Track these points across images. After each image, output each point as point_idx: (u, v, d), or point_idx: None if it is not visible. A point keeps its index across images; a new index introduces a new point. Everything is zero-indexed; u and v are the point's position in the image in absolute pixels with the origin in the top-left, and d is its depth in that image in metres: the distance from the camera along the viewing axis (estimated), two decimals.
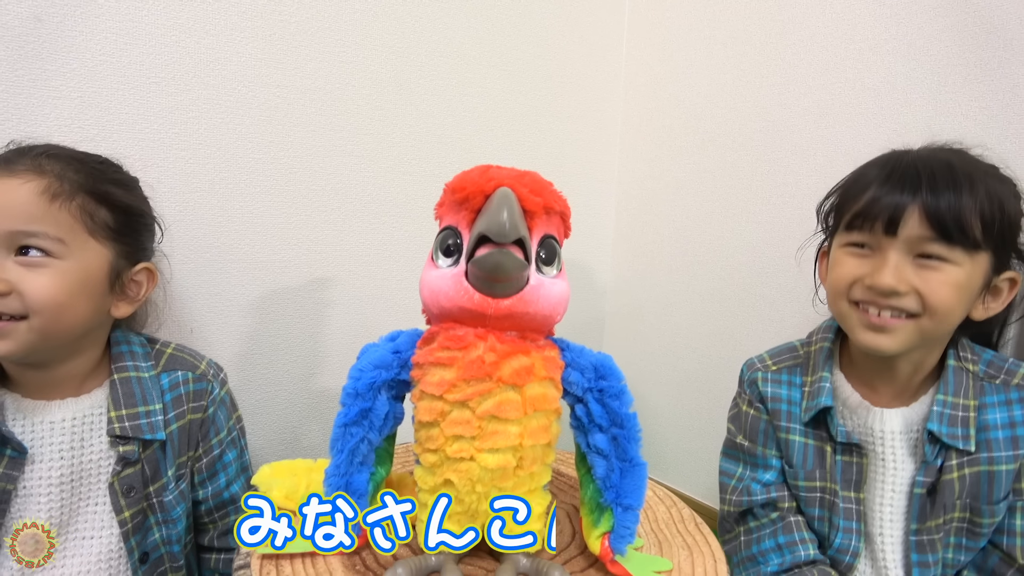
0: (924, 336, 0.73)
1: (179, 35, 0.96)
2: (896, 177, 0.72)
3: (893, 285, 0.70)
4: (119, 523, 0.76)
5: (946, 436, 0.74)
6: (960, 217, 0.68)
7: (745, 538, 0.86)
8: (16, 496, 0.72)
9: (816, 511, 0.83)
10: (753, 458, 0.87)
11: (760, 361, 0.89)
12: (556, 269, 0.56)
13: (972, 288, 0.72)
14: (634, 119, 1.49)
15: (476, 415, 0.53)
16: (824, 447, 0.82)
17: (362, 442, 0.57)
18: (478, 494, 0.55)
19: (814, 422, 0.82)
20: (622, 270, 1.55)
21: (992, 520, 0.75)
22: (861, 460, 0.79)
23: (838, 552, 0.81)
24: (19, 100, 0.86)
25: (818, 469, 0.82)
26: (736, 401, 0.92)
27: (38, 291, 0.68)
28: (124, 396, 0.77)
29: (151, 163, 0.93)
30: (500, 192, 0.51)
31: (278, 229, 1.09)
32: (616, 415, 0.57)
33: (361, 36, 1.12)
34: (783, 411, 0.84)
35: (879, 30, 1.06)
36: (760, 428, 0.86)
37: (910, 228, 0.70)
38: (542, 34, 1.35)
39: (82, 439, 0.75)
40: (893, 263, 0.71)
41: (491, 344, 0.53)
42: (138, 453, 0.77)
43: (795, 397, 0.84)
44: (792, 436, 0.84)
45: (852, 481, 0.80)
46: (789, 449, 0.84)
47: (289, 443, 1.17)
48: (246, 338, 1.10)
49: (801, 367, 0.86)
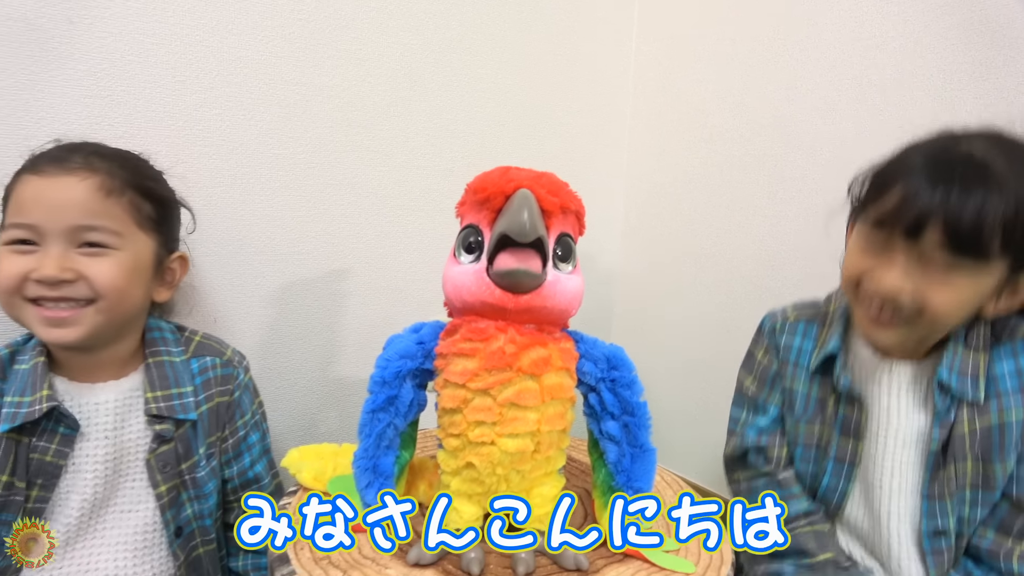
0: (922, 335, 0.74)
1: (203, 35, 0.98)
2: (927, 180, 0.68)
3: (896, 292, 0.70)
4: (156, 497, 0.80)
5: (956, 388, 0.74)
6: (980, 231, 0.65)
7: (745, 485, 0.90)
8: (66, 472, 0.77)
9: (812, 452, 0.85)
10: (755, 402, 0.90)
11: (782, 312, 0.91)
12: (572, 265, 0.59)
13: (982, 294, 0.71)
14: (643, 113, 1.50)
15: (497, 402, 0.56)
16: (827, 398, 0.84)
17: (388, 427, 0.61)
18: (498, 476, 0.58)
19: (821, 373, 0.84)
20: (630, 262, 1.57)
21: (1005, 470, 0.74)
22: (860, 414, 0.80)
23: (826, 493, 0.84)
24: (53, 99, 0.89)
25: (818, 416, 0.84)
26: (751, 349, 0.94)
27: (103, 276, 0.74)
28: (159, 378, 0.82)
29: (177, 159, 0.96)
30: (520, 193, 0.54)
31: (297, 222, 1.12)
32: (627, 403, 0.60)
33: (377, 35, 1.14)
34: (793, 359, 0.87)
35: (886, 27, 1.07)
36: (769, 376, 0.89)
37: (928, 237, 0.67)
38: (553, 30, 1.37)
39: (123, 419, 0.80)
40: (901, 266, 0.70)
41: (511, 336, 0.56)
42: (172, 431, 0.81)
43: (807, 347, 0.86)
44: (797, 385, 0.86)
45: (851, 431, 0.81)
46: (793, 396, 0.86)
47: (307, 429, 1.21)
48: (266, 328, 1.13)
49: (819, 321, 0.87)
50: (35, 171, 0.75)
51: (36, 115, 0.88)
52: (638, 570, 0.60)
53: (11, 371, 0.77)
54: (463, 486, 0.60)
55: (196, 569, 0.86)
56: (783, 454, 0.89)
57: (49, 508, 0.76)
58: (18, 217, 0.73)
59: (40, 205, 0.73)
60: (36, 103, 0.88)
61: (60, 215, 0.72)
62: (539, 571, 0.60)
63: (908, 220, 0.68)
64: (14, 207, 0.74)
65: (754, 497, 0.84)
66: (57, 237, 0.72)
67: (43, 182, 0.73)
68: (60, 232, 0.72)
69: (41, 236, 0.72)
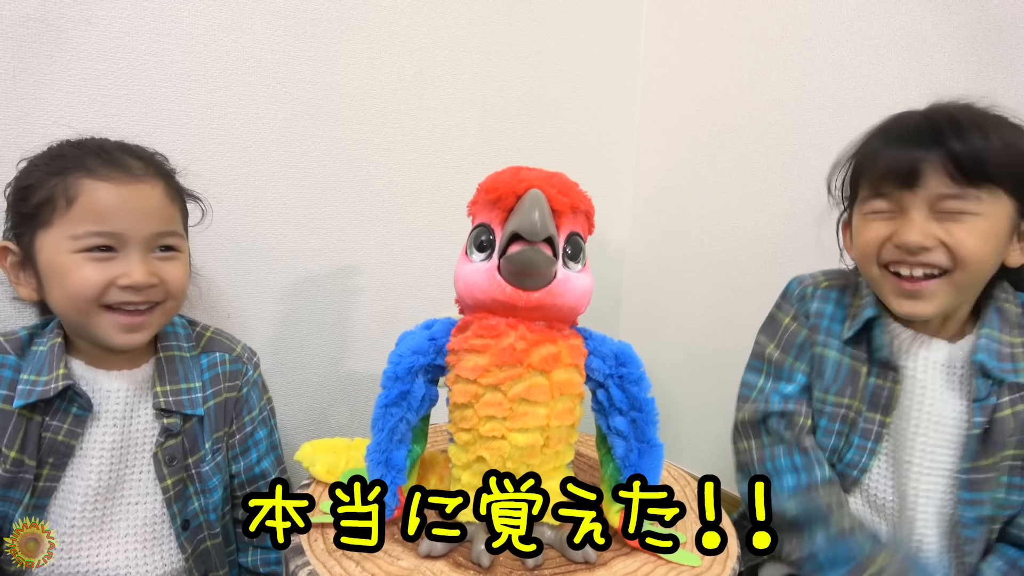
0: (960, 291, 0.74)
1: (217, 35, 0.99)
2: (909, 133, 0.72)
3: (920, 241, 0.70)
4: (162, 490, 0.81)
5: (996, 370, 0.73)
6: (978, 158, 0.68)
7: (758, 452, 0.87)
8: (74, 455, 0.78)
9: (837, 425, 0.83)
10: (779, 370, 0.88)
11: (811, 278, 0.89)
12: (581, 264, 0.60)
13: (999, 235, 0.71)
14: (651, 111, 1.51)
15: (507, 398, 0.57)
16: (859, 368, 0.82)
17: (401, 421, 0.62)
18: (508, 470, 0.60)
19: (854, 341, 0.82)
20: (639, 259, 1.58)
21: None
22: (894, 386, 0.79)
23: (847, 467, 0.82)
24: (71, 99, 0.90)
25: (848, 387, 0.82)
26: (774, 314, 0.92)
27: (176, 279, 0.78)
28: (168, 373, 0.83)
29: (191, 156, 0.96)
30: (531, 193, 0.55)
31: (309, 219, 1.13)
32: (635, 399, 0.61)
33: (388, 33, 1.15)
34: (824, 326, 0.85)
35: (894, 26, 1.08)
36: (797, 341, 0.87)
37: (930, 180, 0.70)
38: (562, 29, 1.37)
39: (132, 409, 0.80)
40: (918, 220, 0.71)
41: (521, 333, 0.58)
42: (179, 426, 0.82)
43: (839, 315, 0.84)
44: (828, 351, 0.84)
45: (880, 405, 0.80)
46: (822, 364, 0.84)
47: (318, 423, 1.22)
48: (278, 323, 1.14)
49: (850, 289, 0.86)
50: (95, 175, 0.73)
51: (55, 114, 0.90)
52: (644, 563, 0.61)
53: (29, 351, 0.78)
54: (474, 479, 0.62)
55: (205, 561, 0.87)
56: (807, 423, 0.86)
57: (58, 490, 0.77)
58: (98, 225, 0.72)
59: (123, 213, 0.73)
60: (55, 102, 0.90)
61: (143, 222, 0.74)
62: (547, 564, 0.61)
63: (905, 170, 0.70)
64: (89, 214, 0.72)
65: (764, 465, 0.85)
66: (139, 244, 0.74)
67: (120, 190, 0.74)
68: (143, 239, 0.75)
69: (122, 243, 0.74)
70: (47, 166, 0.75)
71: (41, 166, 0.76)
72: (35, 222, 0.73)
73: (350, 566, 0.59)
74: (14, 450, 0.74)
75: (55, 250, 0.72)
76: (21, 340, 0.79)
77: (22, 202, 0.75)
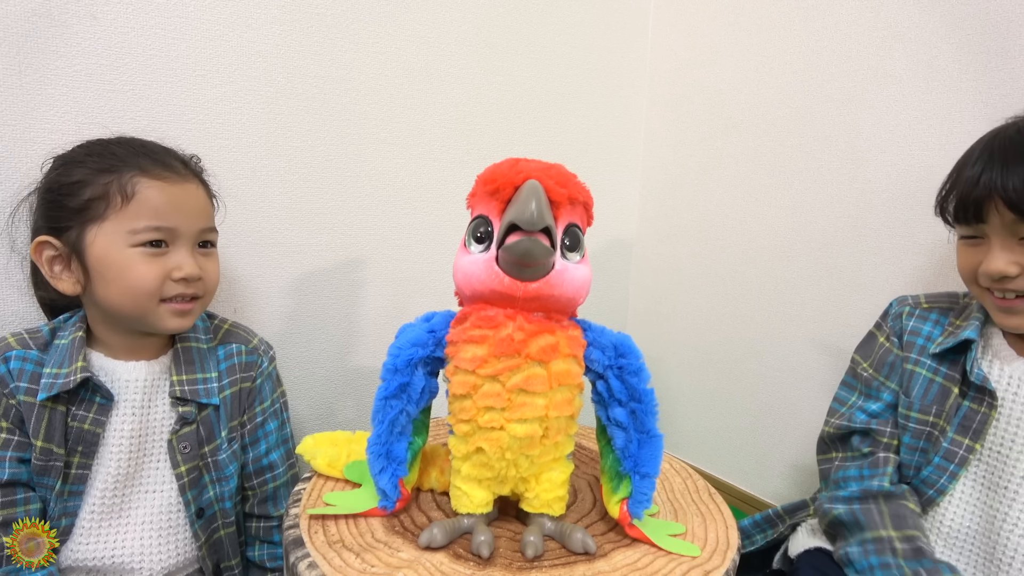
0: None
1: (223, 30, 1.00)
2: (976, 166, 0.73)
3: (1003, 270, 0.72)
4: (176, 477, 0.84)
5: None
6: None
7: (837, 463, 0.88)
8: (100, 443, 0.80)
9: (920, 443, 0.82)
10: (868, 388, 0.88)
11: (913, 299, 0.89)
12: (579, 255, 0.60)
13: None
14: (659, 105, 1.51)
15: (506, 388, 0.57)
16: (951, 388, 0.81)
17: (401, 413, 0.62)
18: (507, 460, 0.59)
19: (949, 361, 0.82)
20: (646, 252, 1.57)
21: None
22: (989, 412, 0.78)
23: (923, 483, 0.81)
24: (77, 93, 0.91)
25: (936, 405, 0.81)
26: (872, 332, 0.92)
27: (214, 274, 0.85)
28: (185, 363, 0.85)
29: (197, 152, 0.97)
30: (529, 184, 0.55)
31: (315, 214, 1.14)
32: (635, 390, 0.61)
33: (393, 28, 1.15)
34: (918, 344, 0.85)
35: (902, 18, 1.06)
36: (888, 360, 0.87)
37: (996, 215, 0.71)
38: (569, 22, 1.37)
39: (150, 398, 0.83)
40: (998, 248, 0.72)
41: (520, 324, 0.57)
42: (195, 414, 0.85)
43: (935, 334, 0.84)
44: (919, 369, 0.84)
45: (970, 428, 0.79)
46: (912, 381, 0.84)
47: (325, 417, 1.23)
48: (285, 318, 1.15)
49: (954, 311, 0.86)
50: (148, 173, 0.78)
51: (61, 109, 0.91)
52: (644, 554, 0.61)
53: (52, 346, 0.81)
54: (473, 471, 0.62)
55: (218, 550, 0.89)
56: (893, 442, 0.85)
57: (91, 476, 0.80)
58: (156, 220, 0.77)
59: (176, 210, 0.78)
60: (61, 97, 0.90)
61: (192, 219, 0.80)
62: (547, 555, 0.61)
63: (970, 209, 0.73)
64: (147, 210, 0.77)
65: (836, 474, 0.86)
66: (188, 239, 0.80)
67: (170, 188, 0.79)
68: (192, 234, 0.80)
69: (174, 238, 0.79)
70: (95, 163, 0.78)
71: (87, 163, 0.78)
72: (85, 217, 0.76)
73: (350, 558, 0.59)
74: (40, 439, 0.77)
75: (110, 244, 0.76)
76: (44, 336, 0.82)
77: (68, 197, 0.77)
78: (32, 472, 0.78)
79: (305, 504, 0.67)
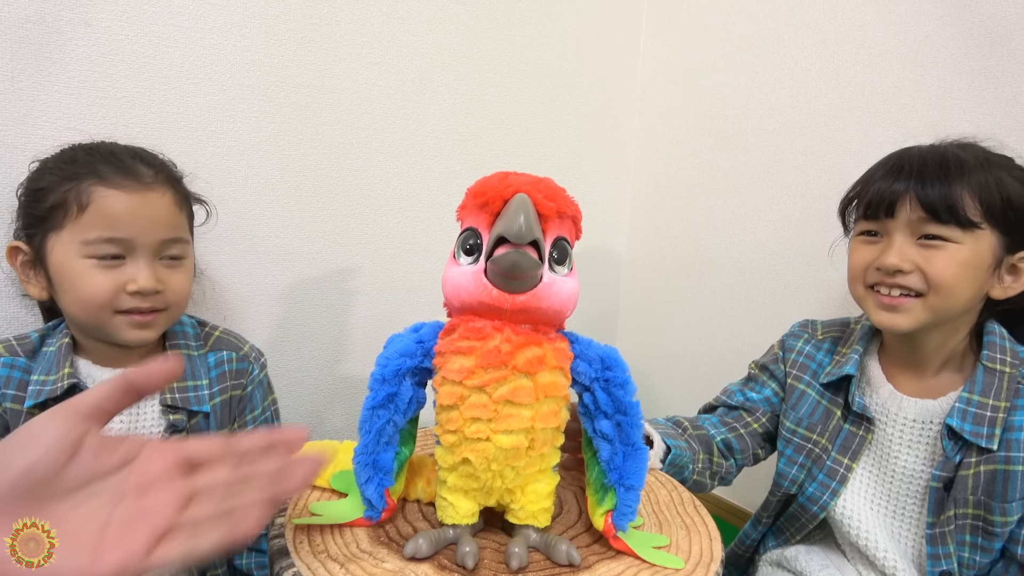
0: (935, 313, 0.76)
1: (217, 38, 1.01)
2: (894, 168, 0.78)
3: (897, 263, 0.76)
4: None
5: (968, 434, 0.75)
6: (949, 199, 0.73)
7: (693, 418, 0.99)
8: None
9: (801, 458, 0.90)
10: (754, 382, 0.98)
11: (812, 327, 0.96)
12: (567, 268, 0.60)
13: (978, 265, 0.75)
14: (650, 118, 1.52)
15: (492, 400, 0.57)
16: (835, 411, 0.88)
17: (388, 423, 0.62)
18: (493, 472, 0.60)
19: (833, 388, 0.88)
20: (636, 265, 1.59)
21: (1005, 520, 0.75)
22: (867, 435, 0.85)
23: (808, 500, 0.89)
24: (71, 100, 0.92)
25: (820, 425, 0.88)
26: (772, 345, 0.99)
27: (179, 287, 0.81)
28: None
29: (189, 159, 0.97)
30: (518, 198, 0.55)
31: (306, 222, 1.14)
32: (620, 403, 0.61)
33: (387, 39, 1.16)
34: (811, 368, 0.92)
35: (888, 36, 1.09)
36: (771, 368, 0.96)
37: (907, 211, 0.76)
38: (562, 36, 1.38)
39: (139, 407, 0.82)
40: (897, 244, 0.77)
41: (507, 336, 0.58)
42: (185, 422, 0.84)
43: (825, 363, 0.91)
44: (810, 391, 0.91)
45: (850, 449, 0.86)
46: (801, 400, 0.91)
47: (314, 426, 1.23)
48: (275, 325, 1.15)
49: (843, 340, 0.92)
50: (107, 182, 0.75)
51: (54, 115, 0.91)
52: (629, 566, 0.62)
53: (40, 353, 0.81)
54: (459, 481, 0.62)
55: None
56: (755, 427, 0.95)
57: None
58: (109, 231, 0.74)
59: (133, 220, 0.75)
60: (54, 103, 0.91)
61: (151, 230, 0.77)
62: (532, 566, 0.61)
63: (885, 201, 0.77)
64: (100, 220, 0.74)
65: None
66: (147, 250, 0.77)
67: (128, 197, 0.75)
68: (150, 246, 0.77)
69: (131, 249, 0.76)
70: (60, 170, 0.77)
71: (54, 170, 0.77)
72: (47, 225, 0.75)
73: (334, 568, 0.59)
74: None
75: (66, 254, 0.75)
76: (32, 343, 0.82)
77: (34, 204, 0.77)
78: None
79: (291, 514, 0.67)
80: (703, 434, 0.93)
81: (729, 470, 0.95)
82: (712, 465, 0.92)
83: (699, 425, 0.95)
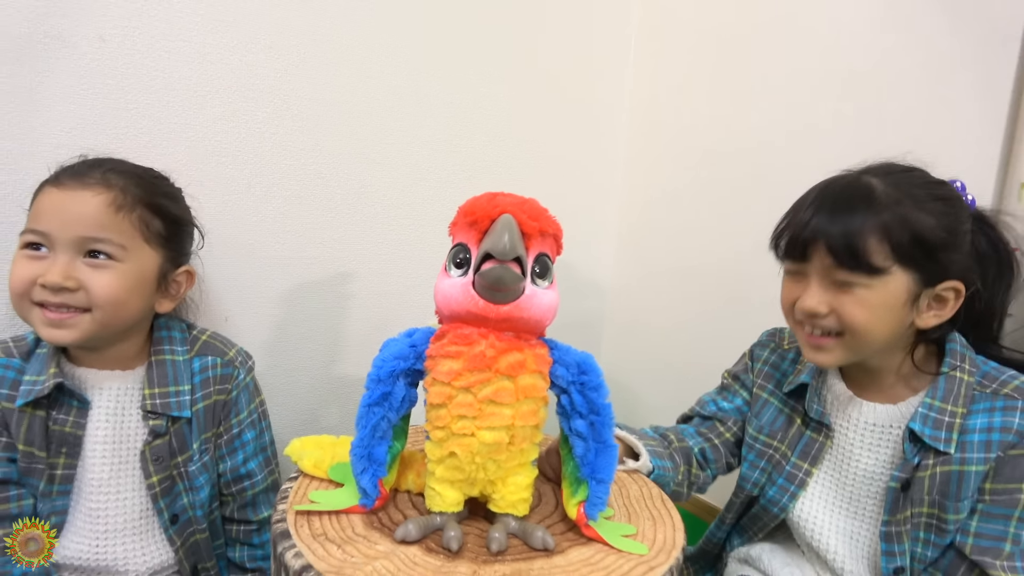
0: (855, 352, 0.81)
1: (223, 53, 1.06)
2: (812, 205, 0.79)
3: (813, 307, 0.79)
4: (147, 487, 0.87)
5: (928, 437, 0.78)
6: (853, 247, 0.75)
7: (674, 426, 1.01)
8: (83, 445, 0.84)
9: (762, 463, 0.94)
10: (726, 391, 1.02)
11: (779, 335, 1.00)
12: (548, 282, 0.66)
13: (892, 305, 0.77)
14: (637, 133, 1.58)
15: (477, 399, 0.64)
16: (795, 418, 0.92)
17: (382, 420, 0.68)
18: (476, 464, 0.66)
19: (795, 396, 0.92)
20: (623, 275, 1.63)
21: (957, 518, 0.78)
22: (826, 441, 0.88)
23: (769, 502, 0.93)
24: (84, 112, 0.97)
25: (781, 432, 0.93)
26: (744, 353, 1.03)
27: (102, 288, 0.79)
28: (158, 377, 0.87)
29: (195, 168, 1.03)
30: (503, 218, 0.61)
31: (305, 229, 1.19)
32: (594, 404, 0.68)
33: (385, 54, 1.21)
34: (776, 378, 0.96)
35: (861, 62, 1.15)
36: (742, 377, 1.00)
37: (820, 256, 0.78)
38: (553, 53, 1.44)
39: (123, 408, 0.86)
40: (813, 288, 0.79)
41: (491, 342, 0.64)
42: (166, 427, 0.87)
43: (789, 372, 0.95)
44: (773, 399, 0.95)
45: (809, 455, 0.90)
46: (764, 408, 0.95)
47: (309, 423, 1.27)
48: (274, 327, 1.20)
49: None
50: (56, 183, 0.81)
51: (67, 126, 0.96)
52: (598, 551, 0.68)
53: (34, 355, 0.85)
54: (446, 473, 0.68)
55: (195, 554, 0.93)
56: (727, 436, 0.98)
57: (77, 477, 0.84)
58: (34, 224, 0.79)
59: (54, 215, 0.78)
60: (69, 114, 0.96)
61: (70, 226, 0.78)
62: (511, 550, 0.67)
63: (798, 247, 0.79)
64: (33, 214, 0.80)
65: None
66: (65, 246, 0.78)
67: (60, 194, 0.79)
68: (68, 241, 0.78)
69: (51, 244, 0.78)
70: (47, 179, 0.83)
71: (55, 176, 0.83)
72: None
73: (332, 548, 0.65)
74: (21, 443, 0.81)
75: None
76: (28, 344, 0.85)
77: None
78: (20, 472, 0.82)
79: (292, 501, 0.73)
80: (685, 447, 0.96)
81: (706, 480, 0.98)
82: (691, 476, 0.95)
83: (683, 438, 0.97)
